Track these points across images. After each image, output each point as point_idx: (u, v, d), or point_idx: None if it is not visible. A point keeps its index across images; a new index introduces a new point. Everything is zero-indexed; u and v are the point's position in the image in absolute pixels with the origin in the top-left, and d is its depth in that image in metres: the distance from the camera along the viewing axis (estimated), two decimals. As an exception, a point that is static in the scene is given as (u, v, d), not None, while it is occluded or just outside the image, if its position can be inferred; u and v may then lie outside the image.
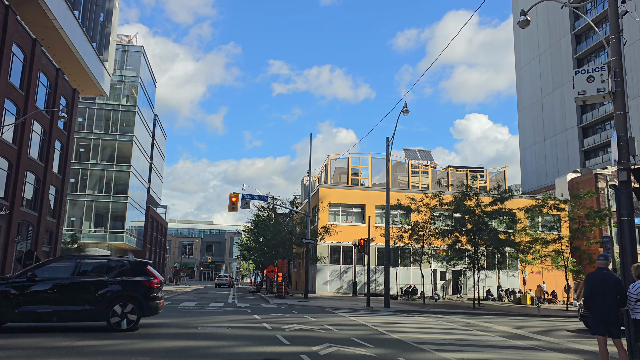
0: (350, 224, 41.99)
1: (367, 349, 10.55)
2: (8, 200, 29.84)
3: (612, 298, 8.00)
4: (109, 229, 56.24)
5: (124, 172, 57.58)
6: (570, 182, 44.99)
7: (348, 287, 40.68)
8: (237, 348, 10.01)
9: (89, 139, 57.52)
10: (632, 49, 46.56)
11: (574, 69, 22.74)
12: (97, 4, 43.19)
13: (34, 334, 11.20)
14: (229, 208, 28.90)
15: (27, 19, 32.65)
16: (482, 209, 29.41)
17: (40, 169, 34.64)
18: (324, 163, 48.37)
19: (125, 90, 61.11)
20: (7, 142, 29.37)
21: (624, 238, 9.97)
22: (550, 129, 59.50)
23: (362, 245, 27.58)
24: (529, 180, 62.02)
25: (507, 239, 29.31)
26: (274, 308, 23.01)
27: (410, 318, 20.12)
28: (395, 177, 47.98)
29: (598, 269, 8.32)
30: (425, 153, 56.16)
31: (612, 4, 11.08)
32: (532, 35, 62.22)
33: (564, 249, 30.67)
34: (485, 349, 11.51)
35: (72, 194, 54.20)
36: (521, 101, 65.17)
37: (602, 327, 8.13)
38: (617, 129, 10.44)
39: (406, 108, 24.71)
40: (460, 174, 49.29)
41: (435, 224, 32.46)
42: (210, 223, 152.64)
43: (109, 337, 11.07)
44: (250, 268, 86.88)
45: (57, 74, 36.54)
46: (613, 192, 12.16)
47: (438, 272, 40.02)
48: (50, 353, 8.71)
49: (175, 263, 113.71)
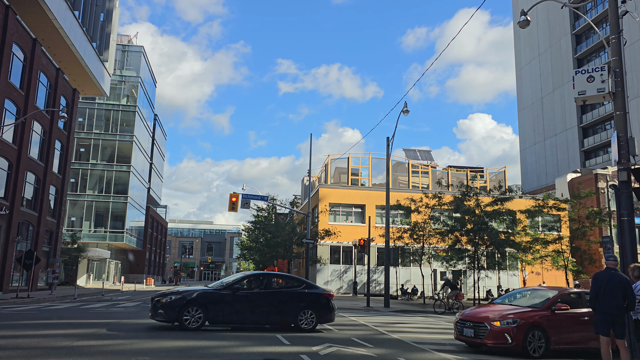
0: (350, 224, 41.98)
1: (368, 349, 10.55)
2: (8, 200, 29.84)
3: (618, 298, 7.99)
4: (109, 229, 56.22)
5: (124, 172, 57.58)
6: (570, 182, 45.00)
7: (348, 287, 40.68)
8: (237, 348, 10.00)
9: (89, 139, 57.51)
10: (632, 49, 46.55)
11: (574, 69, 22.74)
12: (97, 4, 43.19)
13: (34, 334, 11.20)
14: (229, 208, 28.89)
15: (27, 19, 32.64)
16: (482, 209, 29.40)
17: (40, 169, 34.63)
18: (324, 163, 48.36)
19: (125, 90, 61.10)
20: (7, 142, 29.36)
21: (624, 238, 9.97)
22: (551, 129, 59.50)
23: (362, 245, 27.57)
24: (529, 180, 62.02)
25: (507, 239, 29.31)
26: (274, 308, 22.97)
27: (410, 318, 20.12)
28: (396, 177, 47.97)
29: (606, 269, 8.30)
30: (426, 153, 56.13)
31: (612, 4, 11.07)
32: (532, 35, 62.22)
33: (564, 249, 30.67)
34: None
35: (72, 194, 54.20)
36: (521, 101, 65.18)
37: (606, 327, 8.13)
38: (617, 129, 10.44)
39: (406, 108, 24.75)
40: (461, 174, 49.29)
41: (435, 224, 32.46)
42: (211, 223, 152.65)
43: (109, 337, 11.07)
44: (250, 268, 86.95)
45: (57, 74, 36.54)
46: (613, 192, 12.16)
47: (438, 272, 40.02)
48: (50, 353, 8.70)
49: (175, 263, 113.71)
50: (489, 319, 10.63)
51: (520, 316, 10.53)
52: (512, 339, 10.22)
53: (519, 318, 10.45)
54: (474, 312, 11.25)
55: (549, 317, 10.71)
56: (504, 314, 10.70)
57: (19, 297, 24.55)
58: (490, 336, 10.40)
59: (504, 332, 10.31)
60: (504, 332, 10.30)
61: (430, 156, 55.56)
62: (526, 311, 10.84)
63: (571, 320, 10.92)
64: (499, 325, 10.40)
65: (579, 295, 11.69)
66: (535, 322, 10.52)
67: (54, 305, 21.75)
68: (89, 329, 12.70)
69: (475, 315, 11.00)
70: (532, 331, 10.36)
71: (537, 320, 10.56)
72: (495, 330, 10.39)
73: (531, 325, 10.42)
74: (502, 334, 10.31)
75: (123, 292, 38.49)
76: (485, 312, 11.13)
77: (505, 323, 10.40)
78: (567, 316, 10.94)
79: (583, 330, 10.77)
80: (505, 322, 10.41)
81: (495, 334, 10.36)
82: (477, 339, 10.64)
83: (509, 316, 10.54)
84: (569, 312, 11.01)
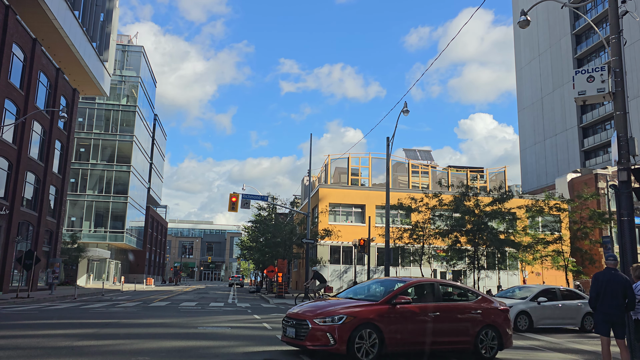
0: (350, 224, 41.97)
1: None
2: (8, 200, 29.84)
3: (618, 299, 7.99)
4: (109, 229, 56.22)
5: (124, 172, 57.58)
6: (570, 182, 44.99)
7: (348, 287, 40.62)
8: (237, 348, 10.00)
9: (89, 139, 57.52)
10: (632, 49, 46.54)
11: (574, 69, 22.75)
12: (97, 4, 43.20)
13: (34, 334, 11.20)
14: (229, 208, 28.91)
15: (27, 19, 32.64)
16: (481, 209, 29.41)
17: (41, 169, 34.63)
18: (324, 163, 48.36)
19: (125, 90, 61.11)
20: (7, 142, 29.36)
21: (624, 238, 9.97)
22: (550, 129, 59.50)
23: (362, 245, 27.58)
24: (529, 180, 62.02)
25: (507, 239, 29.31)
26: (274, 308, 23.01)
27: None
28: (396, 177, 47.97)
29: (606, 269, 8.30)
30: (426, 153, 56.14)
31: (612, 4, 11.07)
32: (532, 35, 62.21)
33: (565, 249, 30.67)
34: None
35: (72, 194, 54.20)
36: (521, 101, 65.18)
37: (606, 327, 8.13)
38: (617, 129, 10.44)
39: (406, 108, 24.73)
40: (461, 174, 49.29)
41: (435, 224, 32.46)
42: (211, 223, 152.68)
43: (109, 337, 11.08)
44: (250, 268, 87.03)
45: (57, 74, 36.53)
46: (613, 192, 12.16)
47: (438, 272, 40.01)
48: (50, 353, 8.70)
49: (175, 263, 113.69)
50: (312, 315, 8.87)
51: (350, 312, 8.73)
52: (335, 339, 8.42)
53: (346, 314, 8.65)
54: (303, 308, 9.50)
55: (386, 313, 8.91)
56: (331, 309, 8.92)
57: (19, 297, 24.55)
58: (310, 337, 8.63)
59: (325, 331, 8.51)
60: (326, 332, 8.50)
61: (430, 156, 55.57)
62: (360, 306, 9.04)
63: (416, 317, 9.19)
64: (322, 323, 8.64)
65: (432, 286, 10.13)
66: (367, 318, 8.70)
67: (54, 305, 21.75)
68: (89, 329, 12.70)
69: (300, 312, 9.22)
70: (362, 330, 8.54)
71: (370, 317, 8.74)
72: (316, 329, 8.61)
73: (362, 323, 8.61)
74: (324, 334, 8.52)
75: (123, 292, 38.48)
76: (314, 307, 9.30)
77: (330, 320, 8.60)
78: (412, 311, 9.18)
79: (431, 329, 9.23)
80: (329, 320, 8.62)
81: (315, 334, 8.60)
82: (298, 339, 8.85)
83: (336, 312, 8.75)
84: (415, 306, 9.28)
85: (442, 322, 9.41)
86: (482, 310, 9.96)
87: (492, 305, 10.22)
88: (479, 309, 9.96)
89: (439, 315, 9.39)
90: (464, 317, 9.78)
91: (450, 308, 9.84)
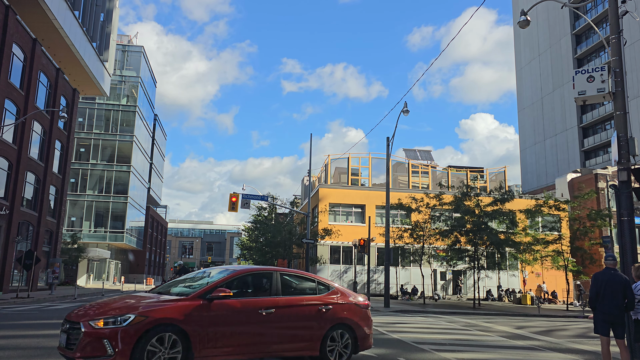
0: (350, 224, 41.96)
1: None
2: (8, 200, 29.84)
3: (618, 299, 7.99)
4: (109, 229, 56.25)
5: (124, 172, 57.61)
6: (570, 182, 44.99)
7: (348, 287, 40.62)
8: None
9: (89, 139, 57.55)
10: (632, 49, 46.55)
11: (574, 69, 22.75)
12: (97, 4, 43.22)
13: (34, 334, 11.20)
14: (229, 208, 28.91)
15: (27, 19, 32.66)
16: (481, 209, 29.42)
17: (40, 169, 34.64)
18: (324, 163, 48.37)
19: (125, 90, 61.15)
20: (7, 142, 29.37)
21: (624, 238, 9.97)
22: (550, 129, 59.51)
23: (362, 245, 27.59)
24: (529, 180, 62.03)
25: (507, 239, 29.33)
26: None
27: (410, 318, 20.11)
28: (396, 177, 47.97)
29: (606, 269, 8.31)
30: (426, 153, 56.15)
31: (612, 4, 11.08)
32: (532, 35, 62.23)
33: (564, 249, 30.68)
34: (485, 349, 11.50)
35: (72, 194, 54.23)
36: (521, 101, 65.20)
37: (606, 327, 8.14)
38: (617, 129, 10.44)
39: (406, 108, 24.77)
40: (461, 174, 49.29)
41: (435, 224, 32.48)
42: (211, 223, 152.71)
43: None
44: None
45: (57, 74, 36.54)
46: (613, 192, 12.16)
47: (438, 272, 40.01)
48: (51, 353, 8.70)
49: (175, 263, 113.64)
50: (90, 316, 6.68)
51: (143, 311, 6.68)
52: (113, 348, 6.32)
53: (136, 313, 6.59)
54: (92, 305, 7.25)
55: (196, 311, 6.95)
56: (118, 305, 6.89)
57: (19, 297, 24.56)
58: (81, 346, 6.41)
59: (102, 337, 6.37)
60: (103, 338, 6.37)
61: (430, 156, 55.58)
62: (163, 301, 7.05)
63: (241, 315, 7.35)
64: (98, 325, 6.47)
65: (269, 275, 8.12)
66: (167, 318, 6.70)
67: (54, 305, 21.75)
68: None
69: (81, 312, 6.98)
70: (159, 334, 6.57)
71: (171, 316, 6.74)
72: (89, 335, 6.43)
73: (157, 325, 6.59)
74: (100, 341, 6.36)
75: (123, 292, 38.50)
76: (102, 304, 7.10)
77: (112, 322, 6.49)
78: (235, 309, 7.32)
79: (264, 331, 7.51)
80: (111, 321, 6.50)
81: (88, 341, 6.41)
82: (69, 349, 6.60)
83: (122, 310, 6.67)
84: (240, 301, 7.47)
85: (279, 321, 7.64)
86: (333, 306, 8.30)
87: (348, 299, 8.63)
88: (329, 304, 8.29)
89: (275, 313, 7.59)
90: (308, 314, 8.01)
91: (291, 303, 7.93)
